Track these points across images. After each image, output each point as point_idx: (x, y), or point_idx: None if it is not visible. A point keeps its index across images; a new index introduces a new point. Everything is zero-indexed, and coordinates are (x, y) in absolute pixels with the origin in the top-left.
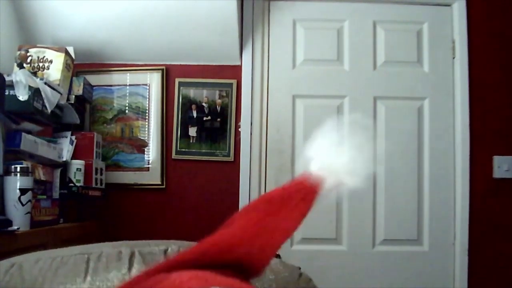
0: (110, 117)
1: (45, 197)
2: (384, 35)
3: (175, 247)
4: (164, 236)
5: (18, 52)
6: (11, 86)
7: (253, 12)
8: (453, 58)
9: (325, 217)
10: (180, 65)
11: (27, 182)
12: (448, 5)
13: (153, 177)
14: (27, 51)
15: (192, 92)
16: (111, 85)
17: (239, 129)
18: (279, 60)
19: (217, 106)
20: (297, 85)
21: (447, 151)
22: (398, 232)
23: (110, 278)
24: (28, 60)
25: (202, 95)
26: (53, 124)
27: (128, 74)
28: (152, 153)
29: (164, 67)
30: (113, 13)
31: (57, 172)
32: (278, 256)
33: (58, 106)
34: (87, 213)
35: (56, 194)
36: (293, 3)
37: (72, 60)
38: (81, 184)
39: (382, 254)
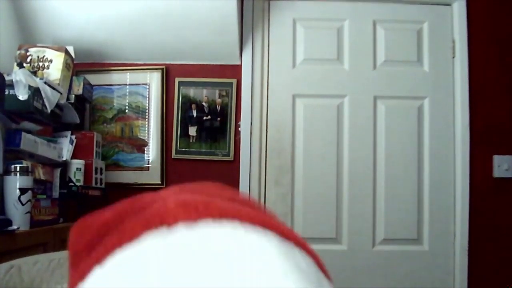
0: (110, 116)
1: (45, 196)
2: (384, 35)
3: None
4: None
5: (18, 52)
6: (11, 85)
7: (253, 12)
8: (453, 57)
9: (325, 217)
10: (180, 64)
11: (27, 181)
12: (448, 4)
13: (153, 177)
14: (27, 51)
15: (192, 92)
16: (111, 85)
17: (239, 129)
18: (279, 60)
19: (217, 106)
20: (297, 84)
21: (447, 151)
22: (398, 232)
23: None
24: (28, 60)
25: (202, 94)
26: (53, 124)
27: (128, 73)
28: (152, 153)
29: (164, 67)
30: (113, 13)
31: (57, 172)
32: None
33: (58, 106)
34: (87, 213)
35: (56, 194)
36: (293, 3)
37: (72, 59)
38: (81, 183)
39: (382, 253)
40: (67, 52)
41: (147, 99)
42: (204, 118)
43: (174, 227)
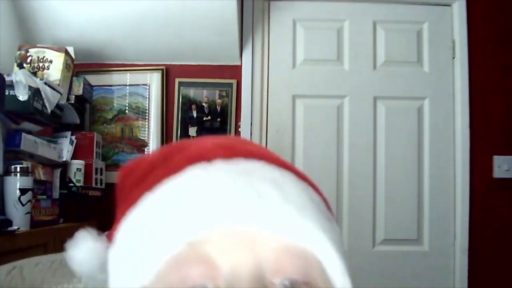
0: (110, 117)
1: (45, 197)
2: (384, 35)
3: None
4: None
5: (18, 52)
6: (11, 86)
7: (253, 12)
8: (453, 58)
9: None
10: (180, 65)
11: (27, 182)
12: (448, 5)
13: None
14: (27, 51)
15: (192, 92)
16: (111, 85)
17: (239, 129)
18: (279, 60)
19: (217, 106)
20: (297, 85)
21: (447, 151)
22: (398, 232)
23: (105, 278)
24: (28, 60)
25: (202, 95)
26: (53, 124)
27: (128, 74)
28: None
29: (164, 67)
30: (113, 13)
31: (57, 172)
32: None
33: (58, 106)
34: (87, 213)
35: (56, 194)
36: (293, 3)
37: (72, 60)
38: (81, 184)
39: (382, 254)
40: (67, 53)
41: (147, 99)
42: (204, 118)
43: (213, 162)
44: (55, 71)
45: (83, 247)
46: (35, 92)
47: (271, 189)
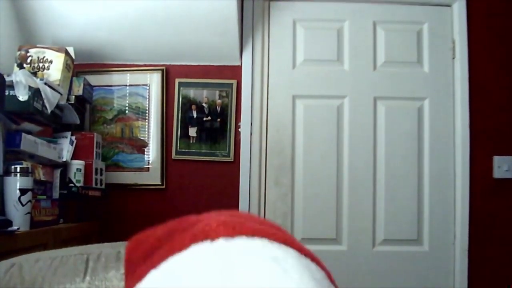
0: (110, 117)
1: (45, 197)
2: (384, 35)
3: None
4: None
5: (18, 52)
6: (11, 86)
7: (253, 12)
8: (453, 58)
9: (325, 217)
10: (180, 65)
11: (27, 182)
12: (448, 5)
13: (153, 177)
14: (27, 51)
15: (192, 92)
16: (111, 85)
17: (239, 129)
18: (279, 60)
19: (217, 106)
20: (297, 85)
21: (447, 151)
22: (398, 232)
23: (109, 278)
24: (28, 60)
25: (202, 95)
26: (53, 124)
27: (128, 74)
28: (152, 153)
29: (164, 67)
30: (113, 13)
31: (57, 172)
32: None
33: (58, 106)
34: (87, 213)
35: (56, 194)
36: (293, 3)
37: (72, 60)
38: (81, 184)
39: (382, 254)
40: (67, 53)
41: (147, 100)
42: (204, 119)
43: (216, 241)
44: (55, 71)
45: None
46: (35, 92)
47: (271, 269)
